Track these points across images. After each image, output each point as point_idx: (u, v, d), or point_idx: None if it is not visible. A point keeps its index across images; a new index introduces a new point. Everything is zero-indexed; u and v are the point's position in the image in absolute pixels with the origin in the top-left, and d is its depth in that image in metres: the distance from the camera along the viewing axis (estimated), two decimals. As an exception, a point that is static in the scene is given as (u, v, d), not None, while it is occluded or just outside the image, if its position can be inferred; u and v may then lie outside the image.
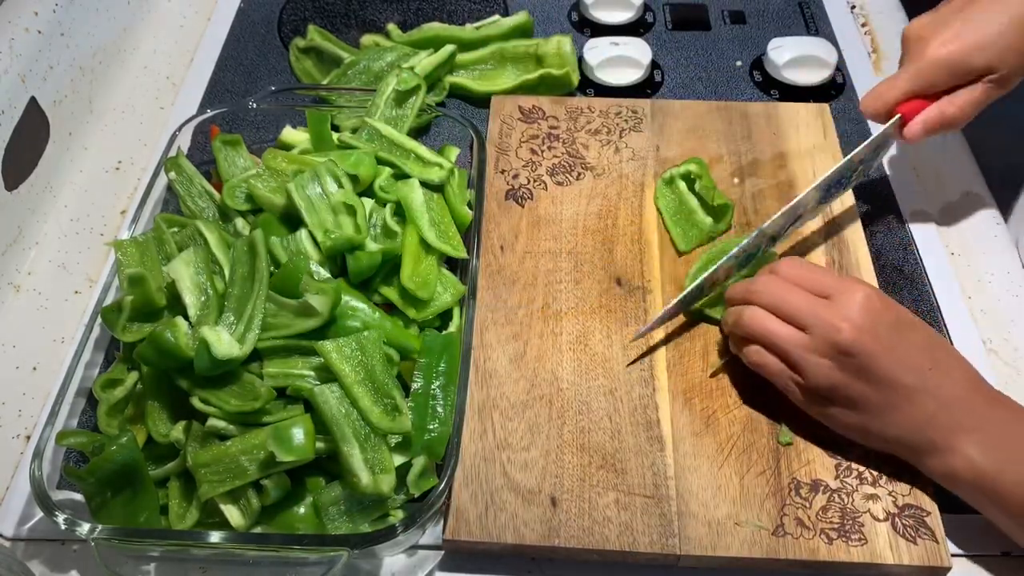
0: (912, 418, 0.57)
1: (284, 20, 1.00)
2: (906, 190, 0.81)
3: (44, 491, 0.56)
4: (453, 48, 0.86)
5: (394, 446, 0.58)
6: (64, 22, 0.84)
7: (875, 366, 0.56)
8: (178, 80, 0.95)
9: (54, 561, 0.61)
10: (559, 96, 0.87)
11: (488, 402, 0.65)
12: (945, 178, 0.83)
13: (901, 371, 0.56)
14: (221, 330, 0.58)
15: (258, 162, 0.75)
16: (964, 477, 0.56)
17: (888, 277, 0.74)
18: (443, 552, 0.61)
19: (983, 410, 0.57)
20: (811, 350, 0.58)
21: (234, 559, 0.59)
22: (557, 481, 0.61)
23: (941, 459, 0.57)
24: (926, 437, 0.57)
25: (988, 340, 0.72)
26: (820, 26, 0.97)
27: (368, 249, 0.65)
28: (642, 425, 0.63)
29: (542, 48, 0.88)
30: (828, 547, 0.57)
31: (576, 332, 0.69)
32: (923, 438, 0.57)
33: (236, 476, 0.56)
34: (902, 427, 0.57)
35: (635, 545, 0.58)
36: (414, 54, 0.86)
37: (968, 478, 0.56)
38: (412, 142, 0.75)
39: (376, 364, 0.58)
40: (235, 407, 0.58)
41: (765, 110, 0.84)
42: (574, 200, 0.78)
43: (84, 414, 0.66)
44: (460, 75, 0.89)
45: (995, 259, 0.77)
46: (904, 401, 0.57)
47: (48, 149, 0.80)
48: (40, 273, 0.77)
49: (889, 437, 0.58)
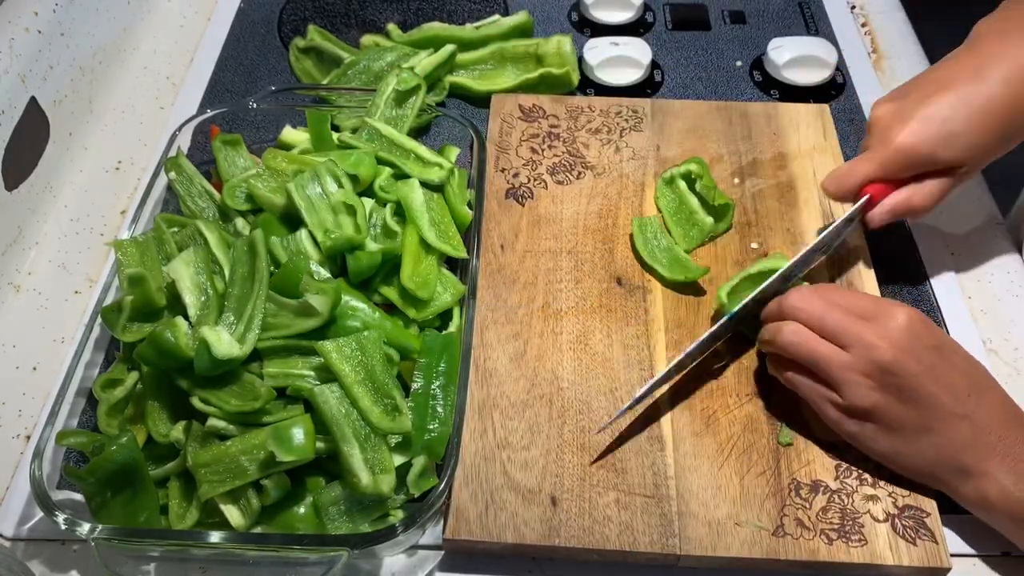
0: (948, 442, 0.56)
1: (284, 20, 1.00)
2: (906, 190, 0.81)
3: (44, 491, 0.56)
4: (453, 48, 0.86)
5: (394, 446, 0.58)
6: (64, 22, 0.84)
7: (915, 386, 0.55)
8: (178, 80, 0.95)
9: (54, 561, 0.61)
10: (559, 95, 0.87)
11: (488, 401, 0.65)
12: (945, 178, 0.83)
13: (940, 393, 0.56)
14: (221, 330, 0.58)
15: (258, 162, 0.75)
16: (997, 504, 0.55)
17: (888, 277, 0.74)
18: (443, 552, 0.61)
19: (1018, 437, 0.56)
20: (851, 369, 0.56)
21: (234, 559, 0.59)
22: (557, 480, 0.61)
23: (974, 485, 0.56)
24: (960, 462, 0.56)
25: (988, 340, 0.72)
26: (820, 26, 0.97)
27: (368, 249, 0.65)
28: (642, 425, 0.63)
29: (542, 48, 0.88)
30: (828, 548, 0.57)
31: (576, 331, 0.69)
32: (957, 463, 0.56)
33: (236, 476, 0.56)
34: (938, 450, 0.56)
35: (635, 545, 0.58)
36: (414, 54, 0.86)
37: (1001, 505, 0.55)
38: (412, 142, 0.75)
39: (376, 364, 0.58)
40: (235, 407, 0.58)
41: (765, 110, 0.84)
42: (574, 199, 0.78)
43: (84, 414, 0.66)
44: (460, 75, 0.89)
45: (995, 259, 0.77)
46: (941, 424, 0.56)
47: (48, 149, 0.80)
48: (40, 273, 0.77)
49: (924, 461, 0.57)
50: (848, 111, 0.88)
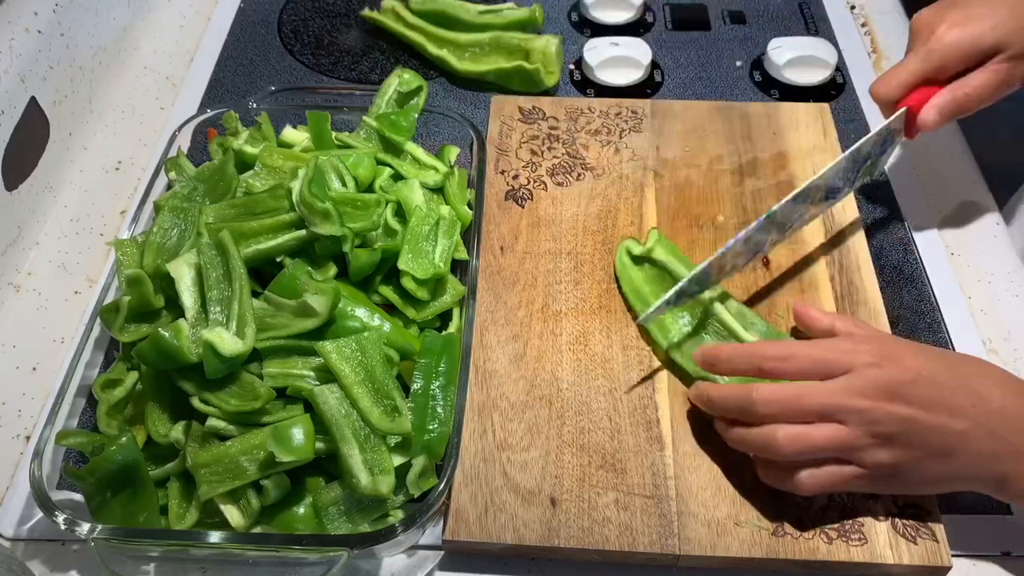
0: (977, 456, 0.55)
1: (284, 20, 1.00)
2: (906, 190, 0.81)
3: (44, 491, 0.56)
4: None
5: (394, 446, 0.58)
6: (64, 22, 0.84)
7: (920, 428, 0.54)
8: (178, 80, 0.95)
9: (54, 561, 0.61)
10: (539, 94, 0.87)
11: (488, 402, 0.65)
12: (945, 178, 0.83)
13: (947, 421, 0.54)
14: (220, 330, 0.58)
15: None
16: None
17: (888, 277, 0.74)
18: (443, 552, 0.61)
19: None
20: (855, 439, 0.54)
21: (234, 559, 0.59)
22: (557, 481, 0.61)
23: (1018, 484, 0.55)
24: (995, 472, 0.55)
25: (988, 340, 0.72)
26: (820, 26, 0.98)
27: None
28: (642, 425, 0.63)
29: (531, 44, 0.88)
30: (828, 547, 0.57)
31: (576, 332, 0.69)
32: (992, 473, 0.55)
33: (236, 476, 0.56)
34: (972, 468, 0.55)
35: (635, 545, 0.58)
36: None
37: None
38: (410, 143, 0.75)
39: (376, 365, 0.58)
40: (235, 407, 0.58)
41: (765, 110, 0.84)
42: (574, 201, 0.78)
43: (84, 414, 0.66)
44: (449, 51, 0.91)
45: (995, 259, 0.77)
46: (962, 444, 0.54)
47: (48, 149, 0.80)
48: (40, 273, 0.77)
49: (963, 478, 0.56)
50: (848, 111, 0.88)
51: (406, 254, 0.66)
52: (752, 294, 0.70)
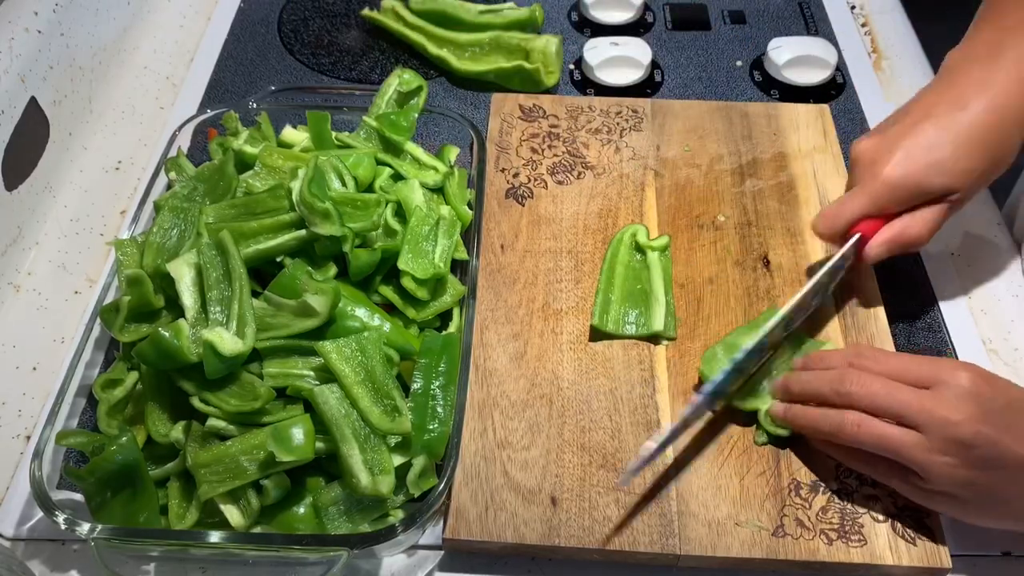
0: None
1: (284, 20, 1.00)
2: (906, 190, 0.81)
3: (44, 491, 0.56)
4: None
5: (394, 446, 0.58)
6: (64, 22, 0.84)
7: (1000, 452, 0.52)
8: (178, 80, 0.95)
9: (54, 561, 0.61)
10: (540, 93, 0.87)
11: (488, 401, 0.65)
12: (945, 178, 0.83)
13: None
14: (220, 330, 0.58)
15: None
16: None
17: (888, 277, 0.74)
18: (443, 552, 0.61)
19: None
20: (930, 451, 0.53)
21: (234, 559, 0.59)
22: (557, 480, 0.61)
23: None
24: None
25: (988, 340, 0.72)
26: (820, 26, 0.98)
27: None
28: (642, 425, 0.63)
29: (531, 44, 0.88)
30: (828, 548, 0.57)
31: (576, 331, 0.69)
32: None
33: (236, 476, 0.56)
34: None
35: (635, 545, 0.58)
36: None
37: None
38: (410, 143, 0.75)
39: (376, 365, 0.58)
40: (235, 407, 0.57)
41: (765, 110, 0.84)
42: (574, 199, 0.78)
43: (84, 414, 0.66)
44: (448, 51, 0.91)
45: (995, 259, 0.77)
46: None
47: (48, 149, 0.80)
48: (40, 273, 0.77)
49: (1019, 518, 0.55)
50: (848, 111, 0.88)
51: (406, 254, 0.66)
52: (752, 294, 0.70)
